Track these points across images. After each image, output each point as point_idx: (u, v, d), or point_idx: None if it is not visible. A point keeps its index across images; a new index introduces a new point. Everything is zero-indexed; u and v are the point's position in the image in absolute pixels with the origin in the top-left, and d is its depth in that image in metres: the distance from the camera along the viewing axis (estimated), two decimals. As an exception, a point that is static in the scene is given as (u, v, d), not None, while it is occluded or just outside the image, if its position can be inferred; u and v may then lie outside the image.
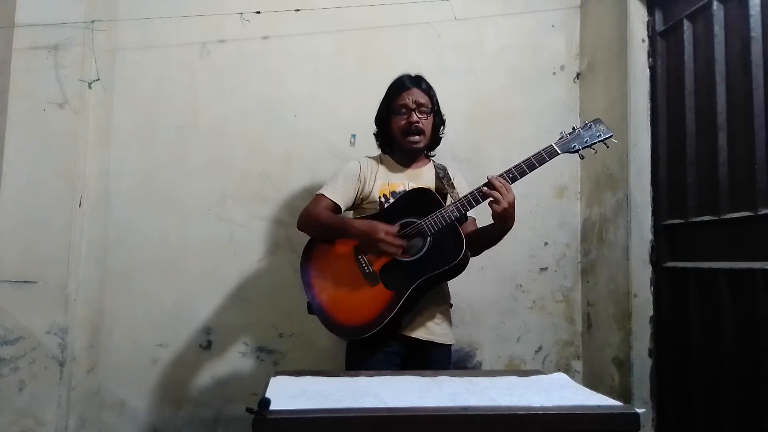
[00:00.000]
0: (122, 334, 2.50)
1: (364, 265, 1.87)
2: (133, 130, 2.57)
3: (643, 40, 2.37)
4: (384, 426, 1.03)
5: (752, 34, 1.86)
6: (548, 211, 2.71)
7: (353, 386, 1.24)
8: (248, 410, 1.00)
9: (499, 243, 1.94)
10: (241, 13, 2.57)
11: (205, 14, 2.56)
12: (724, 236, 1.97)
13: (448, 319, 2.04)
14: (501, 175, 1.80)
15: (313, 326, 2.44)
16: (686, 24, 2.19)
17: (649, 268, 2.31)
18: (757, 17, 1.85)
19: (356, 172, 2.04)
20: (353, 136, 2.61)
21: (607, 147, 1.88)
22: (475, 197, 1.81)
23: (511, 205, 1.79)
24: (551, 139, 1.85)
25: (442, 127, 2.11)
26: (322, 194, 2.01)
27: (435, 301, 1.97)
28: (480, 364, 2.62)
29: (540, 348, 2.68)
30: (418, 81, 2.04)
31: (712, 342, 1.99)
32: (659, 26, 2.34)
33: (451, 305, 2.07)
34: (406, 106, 1.99)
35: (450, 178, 2.05)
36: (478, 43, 2.72)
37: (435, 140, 2.11)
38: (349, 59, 2.67)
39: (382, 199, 2.00)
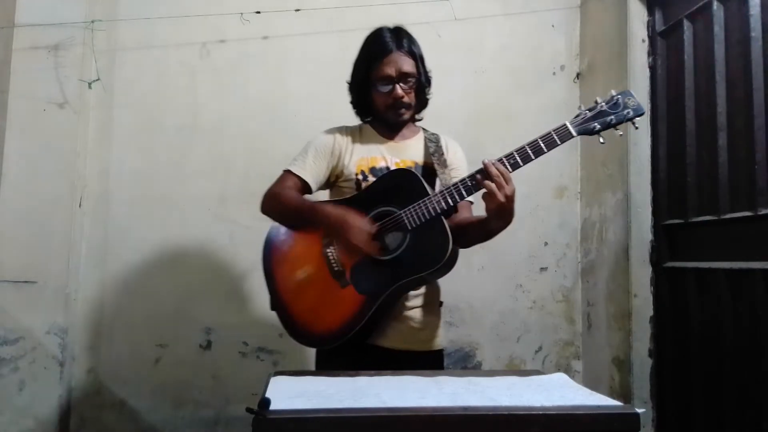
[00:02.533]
0: (122, 334, 2.50)
1: (333, 261, 1.60)
2: (133, 130, 2.57)
3: (643, 40, 2.37)
4: (384, 426, 1.03)
5: (752, 34, 1.86)
6: (548, 211, 2.71)
7: (353, 386, 1.24)
8: (248, 410, 1.00)
9: (499, 243, 1.78)
10: (241, 13, 2.57)
11: (205, 14, 2.56)
12: (724, 236, 1.97)
13: (434, 320, 1.73)
14: (500, 160, 1.49)
15: (313, 326, 2.45)
16: (686, 24, 2.19)
17: (649, 268, 2.30)
18: (757, 17, 1.85)
19: (329, 144, 1.74)
20: (353, 136, 2.61)
21: (636, 128, 1.54)
22: (467, 187, 1.51)
23: (509, 199, 1.46)
24: (583, 106, 1.58)
25: (428, 88, 1.78)
26: (289, 171, 1.72)
27: (413, 302, 1.68)
28: (480, 364, 2.62)
29: (540, 348, 2.68)
30: (400, 40, 1.70)
31: (712, 342, 1.99)
32: (659, 26, 2.34)
33: (441, 303, 1.77)
34: (388, 78, 1.67)
35: (442, 153, 1.74)
36: (478, 43, 2.72)
37: (421, 104, 1.79)
38: (349, 59, 2.66)
39: (359, 177, 1.70)
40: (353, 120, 2.58)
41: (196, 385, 2.52)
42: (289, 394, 1.15)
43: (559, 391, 1.22)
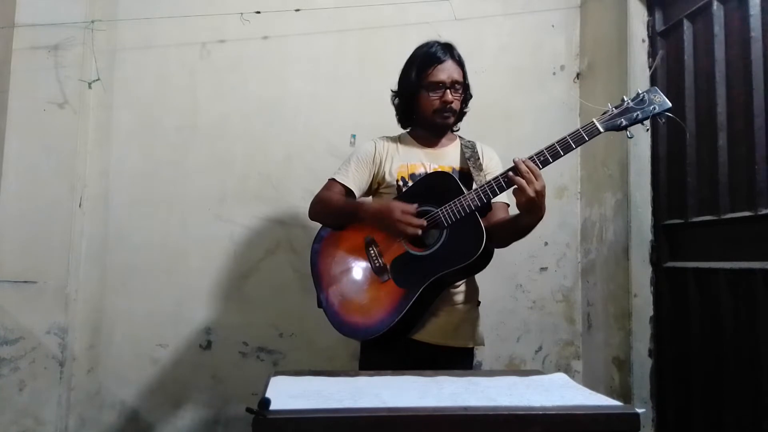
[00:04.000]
0: (122, 334, 2.50)
1: (375, 257, 1.72)
2: (133, 130, 2.57)
3: (643, 40, 2.37)
4: (384, 426, 1.03)
5: (752, 34, 1.86)
6: (548, 211, 2.62)
7: (353, 386, 1.24)
8: (248, 410, 1.00)
9: None
10: (241, 13, 2.57)
11: (205, 14, 2.56)
12: (724, 236, 1.97)
13: (471, 319, 1.84)
14: (531, 158, 1.56)
15: (313, 326, 2.45)
16: (686, 24, 2.19)
17: (649, 268, 2.30)
18: (757, 17, 1.85)
19: (371, 153, 1.87)
20: (353, 136, 2.61)
21: (663, 121, 1.60)
22: (500, 184, 1.59)
23: (539, 194, 1.54)
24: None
25: (468, 101, 1.93)
26: (334, 179, 1.85)
27: (452, 300, 1.79)
28: (480, 364, 2.62)
29: (540, 348, 2.68)
30: (452, 52, 1.83)
31: (712, 342, 1.99)
32: (659, 26, 2.34)
33: (479, 302, 1.89)
34: (441, 83, 1.79)
35: (478, 158, 1.84)
36: (478, 43, 2.72)
37: (461, 115, 1.93)
38: (349, 59, 2.67)
39: (400, 183, 1.82)
40: (352, 119, 2.60)
41: (196, 385, 2.52)
42: (289, 394, 1.15)
43: (559, 391, 1.22)
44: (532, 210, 1.58)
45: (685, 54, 2.18)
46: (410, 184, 1.81)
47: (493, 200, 1.66)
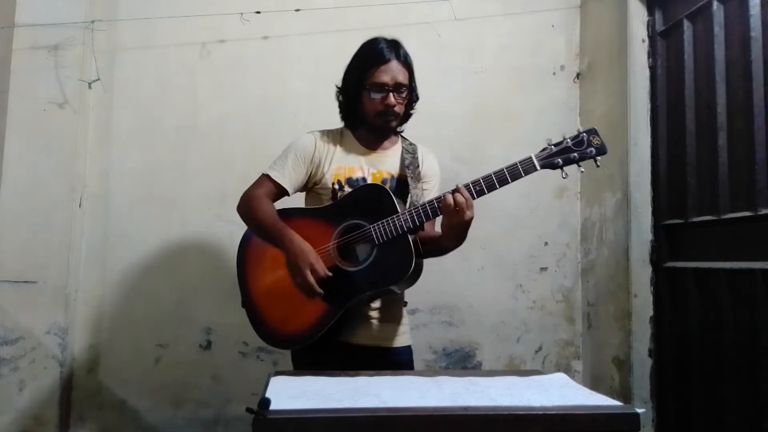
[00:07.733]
0: (122, 334, 2.50)
1: None
2: (133, 130, 2.57)
3: (643, 40, 2.37)
4: (384, 426, 1.04)
5: (752, 34, 1.86)
6: (548, 211, 2.70)
7: (353, 386, 1.24)
8: (248, 410, 1.00)
9: (499, 243, 1.79)
10: (241, 13, 2.58)
11: (205, 14, 2.56)
12: (724, 236, 1.97)
13: (397, 319, 1.80)
14: (467, 186, 1.55)
15: (313, 326, 2.45)
16: (686, 24, 2.19)
17: (649, 268, 2.30)
18: (757, 17, 1.85)
19: (310, 151, 1.78)
20: (353, 136, 2.61)
21: (597, 166, 1.61)
22: (434, 208, 1.57)
23: (466, 224, 1.55)
24: (551, 139, 1.61)
25: (415, 102, 1.82)
26: (267, 176, 1.78)
27: (378, 302, 1.76)
28: (480, 364, 2.62)
29: (540, 348, 2.68)
30: (397, 51, 1.74)
31: (712, 342, 1.99)
32: (659, 26, 2.34)
33: (405, 303, 1.84)
34: (383, 85, 1.70)
35: (417, 165, 1.78)
36: (478, 43, 2.72)
37: (406, 117, 1.83)
38: (349, 59, 2.67)
39: (336, 186, 1.75)
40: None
41: (196, 385, 2.52)
42: (289, 394, 1.15)
43: (559, 391, 1.22)
44: (455, 236, 1.60)
45: (685, 54, 2.18)
46: (346, 188, 1.75)
47: None
